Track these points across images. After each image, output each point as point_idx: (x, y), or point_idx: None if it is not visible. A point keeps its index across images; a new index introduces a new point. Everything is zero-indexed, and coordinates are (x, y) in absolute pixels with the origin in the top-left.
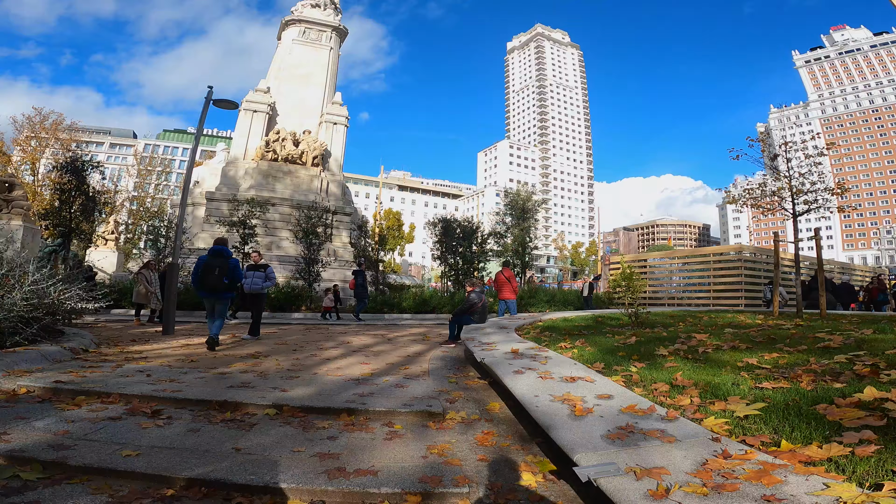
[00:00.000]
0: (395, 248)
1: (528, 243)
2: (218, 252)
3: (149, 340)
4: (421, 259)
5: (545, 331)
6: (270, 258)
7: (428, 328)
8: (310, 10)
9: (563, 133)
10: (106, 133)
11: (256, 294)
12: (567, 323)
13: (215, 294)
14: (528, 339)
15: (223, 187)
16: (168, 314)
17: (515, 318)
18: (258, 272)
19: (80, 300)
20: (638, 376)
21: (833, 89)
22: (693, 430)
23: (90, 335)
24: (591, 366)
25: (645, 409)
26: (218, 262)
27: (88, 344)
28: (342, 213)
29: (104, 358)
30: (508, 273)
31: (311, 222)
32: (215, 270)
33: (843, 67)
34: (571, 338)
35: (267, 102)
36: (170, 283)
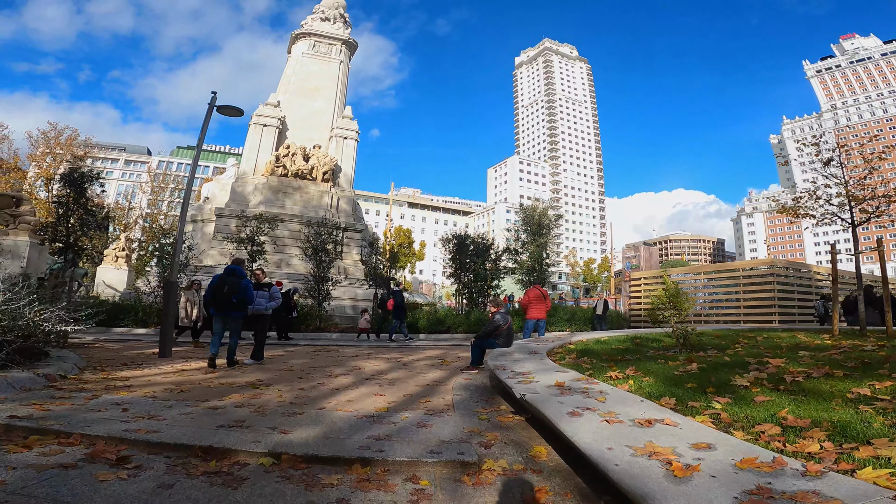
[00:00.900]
0: (406, 265)
1: (544, 260)
2: (231, 271)
3: (142, 364)
4: (432, 276)
5: (582, 356)
6: (280, 276)
7: (444, 350)
8: (319, 23)
9: (572, 148)
10: (121, 150)
11: (259, 315)
12: (603, 346)
13: (224, 312)
14: (567, 367)
15: (232, 203)
16: (165, 335)
17: (543, 341)
18: (262, 291)
19: (59, 321)
20: (728, 415)
21: (846, 99)
22: (858, 489)
23: (78, 358)
24: (659, 402)
25: (770, 463)
26: (229, 280)
27: (69, 369)
28: (353, 229)
29: (82, 386)
30: (539, 291)
31: (321, 239)
32: (224, 288)
33: (855, 77)
34: (617, 365)
35: (277, 116)
36: (166, 302)
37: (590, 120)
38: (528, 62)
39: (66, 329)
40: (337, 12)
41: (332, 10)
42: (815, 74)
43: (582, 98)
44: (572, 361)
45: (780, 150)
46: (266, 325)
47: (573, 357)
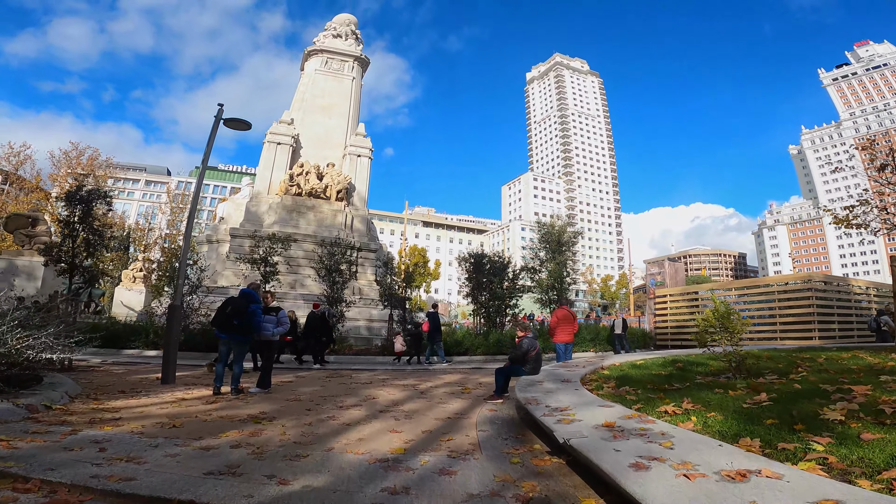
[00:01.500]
0: (421, 285)
1: (564, 278)
2: (243, 294)
3: (141, 391)
4: (447, 296)
5: (622, 384)
6: (295, 297)
7: (464, 374)
8: (331, 40)
9: (587, 163)
10: (141, 170)
11: (267, 341)
12: (641, 371)
13: (227, 335)
14: (608, 399)
15: (246, 223)
16: (167, 361)
17: (572, 366)
18: (269, 316)
19: (46, 348)
20: (836, 459)
21: (864, 107)
22: None
23: (73, 385)
24: (738, 444)
25: None
26: (236, 301)
27: (58, 398)
28: (367, 249)
29: (64, 419)
30: (568, 312)
31: (335, 259)
32: (227, 308)
33: (872, 84)
34: (668, 396)
35: (291, 134)
36: (170, 326)
37: (603, 134)
38: (539, 77)
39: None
40: (349, 29)
41: (343, 27)
42: (831, 83)
43: (595, 112)
44: (612, 391)
45: (801, 161)
46: (274, 352)
47: (612, 386)
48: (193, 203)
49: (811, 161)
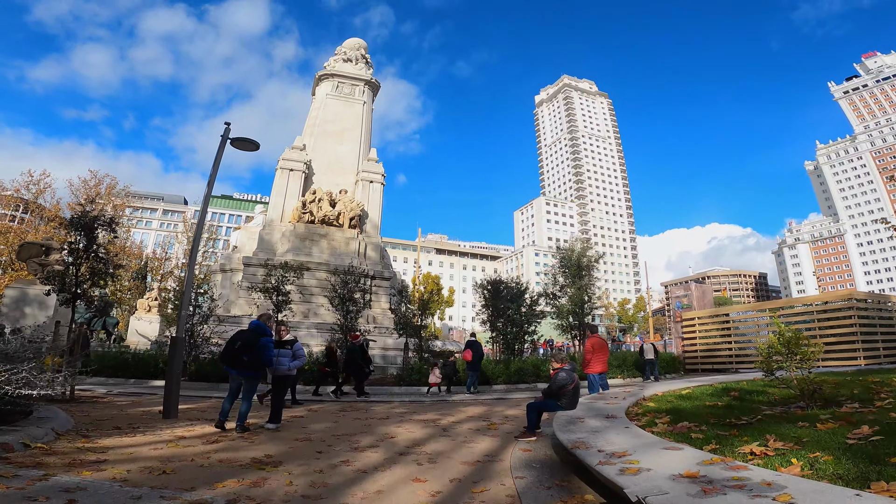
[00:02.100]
0: (435, 312)
1: (586, 303)
2: (253, 327)
3: (138, 427)
4: (461, 322)
5: (678, 419)
6: (308, 326)
7: (487, 406)
8: (342, 64)
9: (599, 186)
10: (159, 199)
11: (283, 376)
12: (692, 402)
13: (237, 370)
14: (670, 438)
15: (260, 252)
16: (170, 393)
17: (610, 397)
18: (284, 349)
19: (24, 384)
20: None
21: (878, 119)
22: None
23: (66, 419)
24: (870, 490)
25: None
26: (245, 335)
27: (42, 435)
28: (381, 277)
29: (41, 460)
30: (599, 340)
31: (349, 288)
32: (237, 343)
33: (884, 95)
34: (742, 431)
35: (303, 160)
36: (171, 357)
37: (615, 156)
38: (548, 100)
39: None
40: (358, 53)
41: (353, 51)
42: (842, 96)
43: (605, 134)
44: (668, 428)
45: (818, 177)
46: (287, 387)
47: (665, 421)
48: (198, 230)
49: (828, 177)
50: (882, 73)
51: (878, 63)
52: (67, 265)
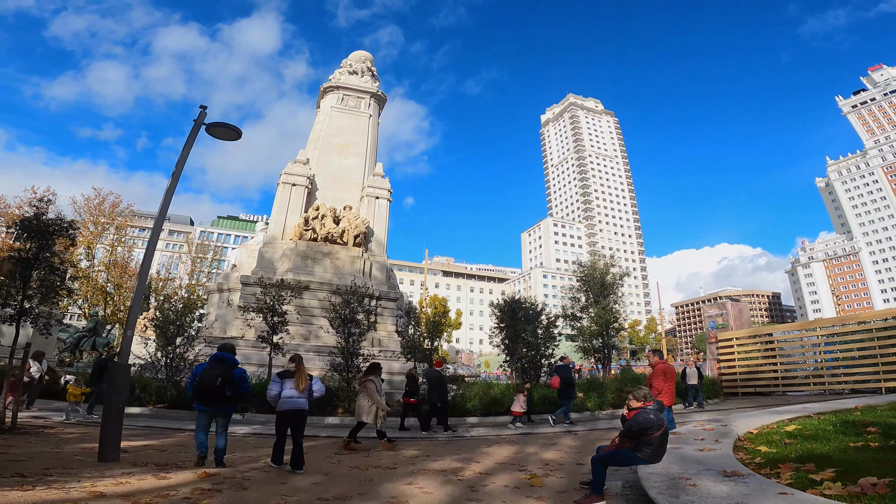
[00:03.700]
0: (443, 334)
1: (611, 324)
2: (221, 359)
3: (69, 472)
4: (468, 345)
5: (842, 472)
6: (308, 349)
7: (515, 446)
8: (347, 76)
9: (607, 206)
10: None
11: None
12: (830, 444)
13: (217, 408)
14: None
15: (259, 270)
16: (106, 433)
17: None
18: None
19: None
20: None
21: (888, 133)
22: None
23: None
24: None
25: None
26: (220, 370)
27: None
28: (387, 298)
29: None
30: (668, 367)
31: (351, 308)
32: (217, 380)
33: (893, 108)
34: None
35: (306, 175)
36: (111, 388)
37: (622, 175)
38: (554, 119)
39: None
40: (364, 66)
41: (359, 63)
42: (850, 110)
43: (612, 153)
44: (843, 489)
45: (830, 194)
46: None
47: (829, 475)
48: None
49: (840, 193)
50: (889, 85)
51: (884, 76)
52: (12, 276)
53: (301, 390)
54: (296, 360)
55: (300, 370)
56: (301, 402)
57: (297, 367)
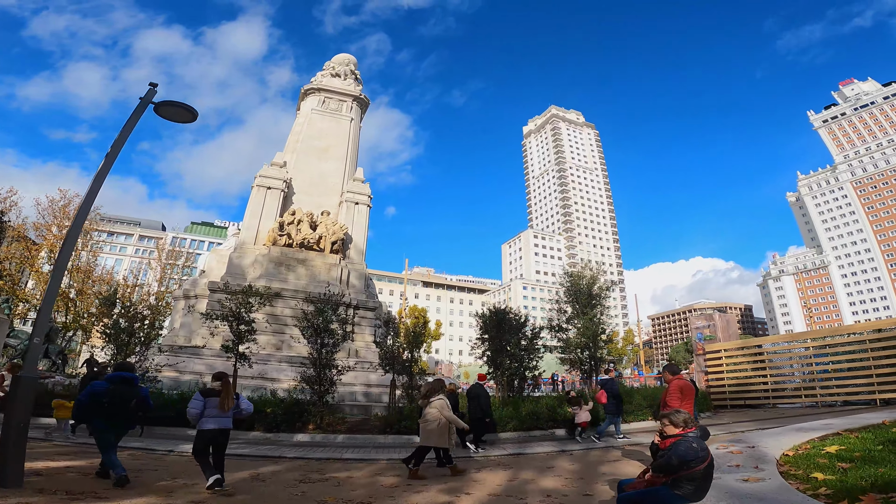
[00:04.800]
0: (422, 345)
1: (599, 336)
2: (127, 379)
3: None
4: (448, 356)
5: None
6: (280, 359)
7: (509, 471)
8: (330, 79)
9: (586, 219)
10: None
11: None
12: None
13: (126, 427)
14: None
15: (228, 277)
16: (6, 453)
17: (725, 466)
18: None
19: None
20: None
21: (857, 148)
22: None
23: None
24: None
25: None
26: (127, 390)
27: None
28: (365, 307)
29: None
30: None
31: (325, 317)
32: (132, 401)
33: (862, 123)
34: None
35: (282, 178)
36: (13, 404)
37: (602, 188)
38: (536, 131)
39: None
40: (348, 69)
41: (342, 66)
42: (821, 125)
43: (592, 165)
44: None
45: (801, 208)
46: (227, 442)
47: None
48: (81, 212)
49: (810, 208)
50: (860, 100)
51: (855, 91)
52: None
53: (226, 410)
54: (221, 379)
55: (226, 389)
56: (225, 420)
57: (222, 386)
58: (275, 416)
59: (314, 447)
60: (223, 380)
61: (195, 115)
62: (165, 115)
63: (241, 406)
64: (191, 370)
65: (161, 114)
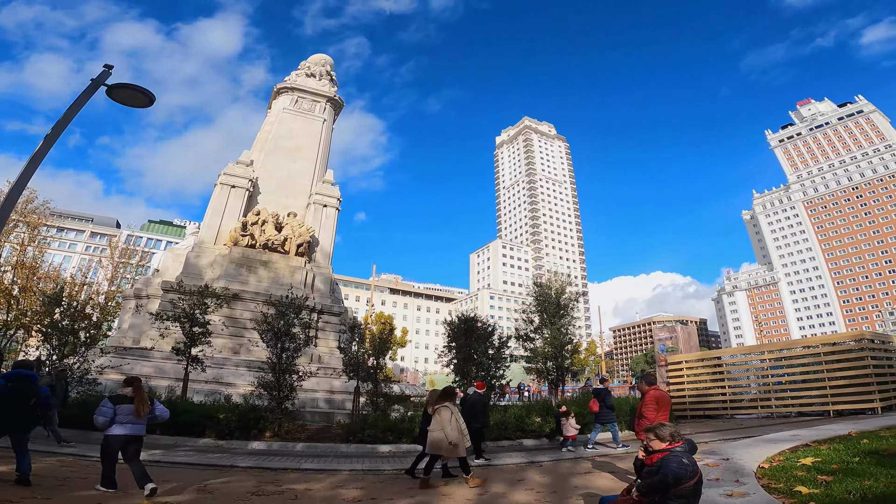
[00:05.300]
0: (388, 352)
1: (566, 346)
2: (25, 377)
3: None
4: (413, 363)
5: None
6: (237, 363)
7: (479, 491)
8: (304, 79)
9: (554, 231)
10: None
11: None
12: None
13: (23, 426)
14: None
15: (184, 277)
16: None
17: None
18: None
19: None
20: None
21: (810, 168)
22: None
23: None
24: None
25: None
26: (27, 388)
27: None
28: (329, 312)
29: None
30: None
31: (286, 320)
32: (31, 400)
33: (816, 144)
34: None
35: (248, 177)
36: None
37: (570, 201)
38: (508, 141)
39: None
40: (324, 69)
41: (318, 66)
42: (778, 144)
43: (562, 178)
44: None
45: (754, 226)
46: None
47: None
48: (8, 201)
49: (763, 226)
50: (815, 120)
51: (811, 111)
52: None
53: (141, 417)
54: (132, 384)
55: (139, 395)
56: (138, 427)
57: (135, 392)
58: (228, 423)
59: (271, 456)
60: (135, 385)
61: (152, 98)
62: (119, 98)
63: (157, 412)
64: (137, 373)
65: (114, 97)
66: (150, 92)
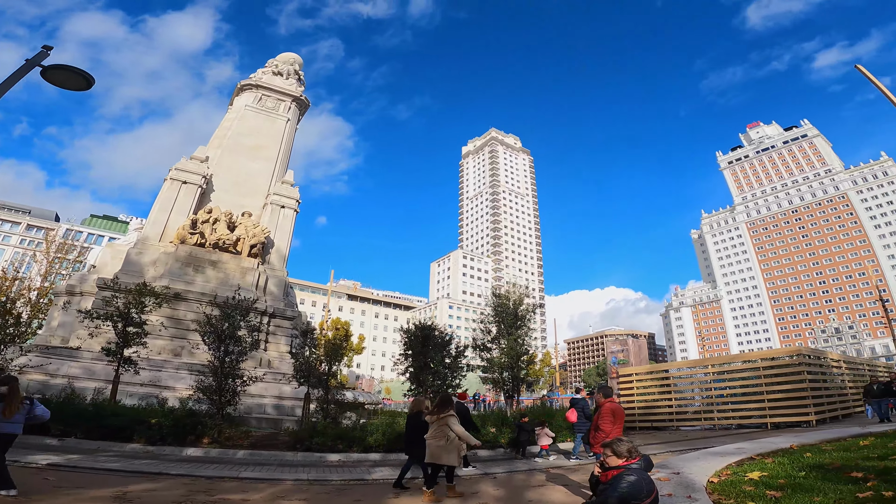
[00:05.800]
0: (343, 359)
1: (522, 356)
2: None
3: None
4: (370, 371)
5: None
6: (178, 366)
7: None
8: (271, 77)
9: (514, 243)
10: (25, 212)
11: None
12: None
13: None
14: None
15: (123, 275)
16: None
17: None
18: None
19: None
20: None
21: (755, 190)
22: None
23: None
24: None
25: None
26: None
27: None
28: (282, 316)
29: None
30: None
31: (232, 322)
32: None
33: (761, 166)
34: None
35: (201, 173)
36: None
37: (531, 214)
38: (474, 152)
39: None
40: (292, 68)
41: (286, 65)
42: (727, 166)
43: (524, 191)
44: None
45: (701, 245)
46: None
47: None
48: None
49: (710, 245)
50: (762, 143)
51: (759, 133)
52: None
53: (7, 417)
54: (7, 383)
55: (13, 394)
56: (9, 426)
57: (9, 392)
58: (161, 428)
59: (207, 463)
60: (10, 385)
61: (91, 81)
62: (54, 80)
63: (36, 412)
64: (64, 373)
65: (49, 79)
66: (89, 74)
